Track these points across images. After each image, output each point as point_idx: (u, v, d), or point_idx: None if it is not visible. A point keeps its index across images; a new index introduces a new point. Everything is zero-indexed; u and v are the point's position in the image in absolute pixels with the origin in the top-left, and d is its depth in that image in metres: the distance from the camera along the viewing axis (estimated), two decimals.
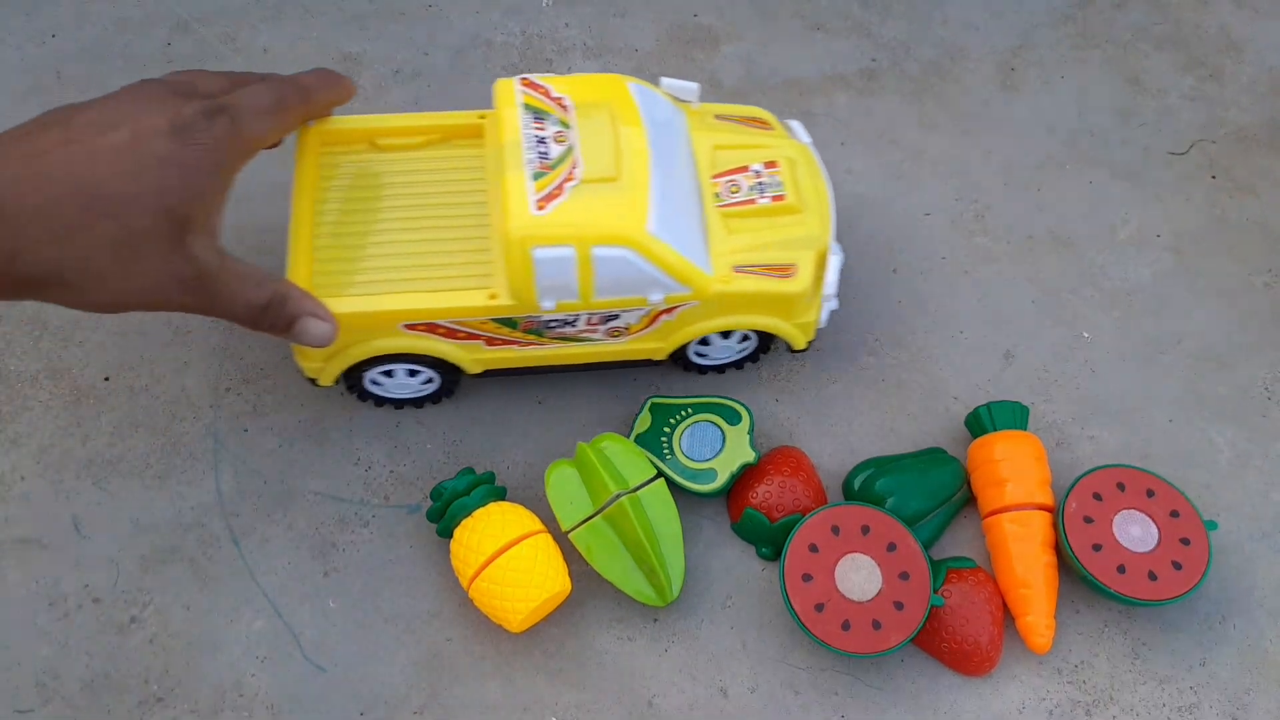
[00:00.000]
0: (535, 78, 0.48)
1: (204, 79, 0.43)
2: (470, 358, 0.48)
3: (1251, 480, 0.52)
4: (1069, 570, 0.48)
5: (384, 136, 0.50)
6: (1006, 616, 0.48)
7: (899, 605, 0.45)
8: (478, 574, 0.45)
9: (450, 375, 0.50)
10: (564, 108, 0.47)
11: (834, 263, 0.48)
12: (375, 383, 0.50)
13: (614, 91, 0.48)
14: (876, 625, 0.44)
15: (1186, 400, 0.54)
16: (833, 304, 0.49)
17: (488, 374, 0.50)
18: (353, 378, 0.49)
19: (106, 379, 0.53)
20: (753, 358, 0.52)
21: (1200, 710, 0.46)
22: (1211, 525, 0.47)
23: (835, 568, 0.46)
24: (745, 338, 0.51)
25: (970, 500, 0.51)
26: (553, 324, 0.47)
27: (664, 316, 0.47)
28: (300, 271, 0.46)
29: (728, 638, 0.47)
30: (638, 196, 0.45)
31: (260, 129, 0.42)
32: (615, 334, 0.48)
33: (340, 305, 0.45)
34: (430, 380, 0.50)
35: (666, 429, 0.50)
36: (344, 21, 0.65)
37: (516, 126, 0.46)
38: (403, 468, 0.51)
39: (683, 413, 0.50)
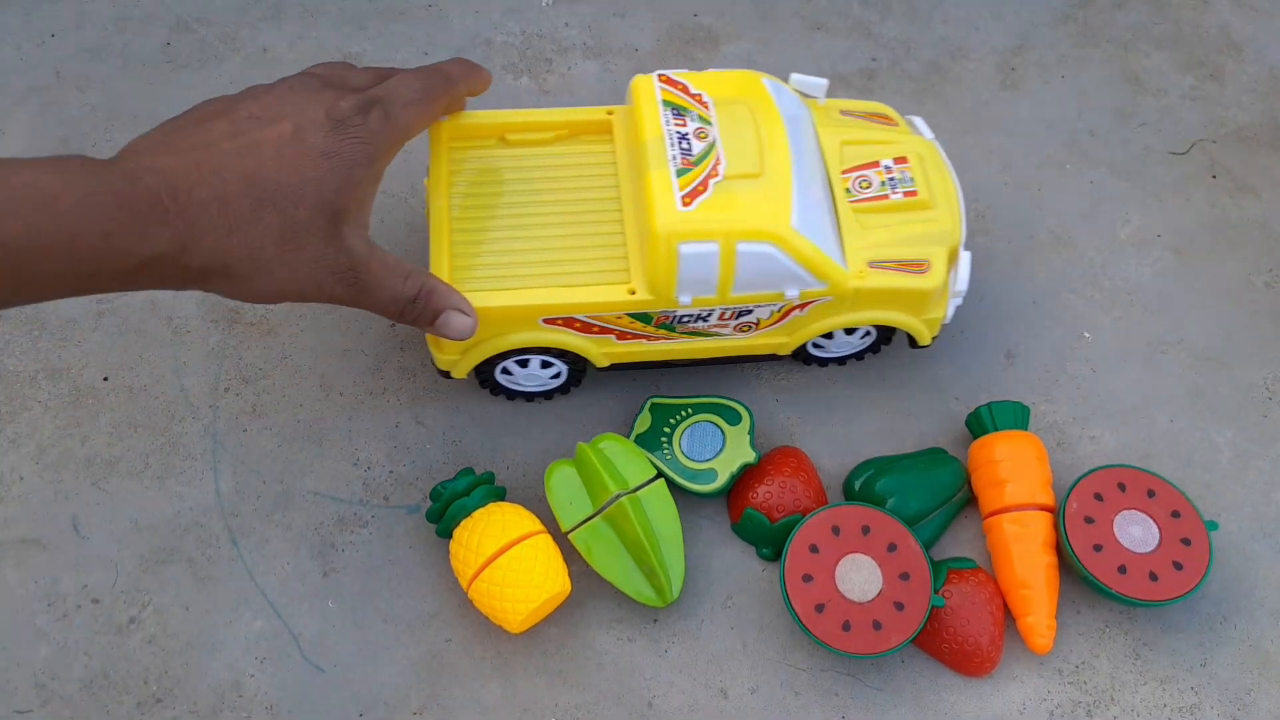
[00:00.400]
0: (673, 74, 0.49)
1: (352, 73, 0.44)
2: (600, 351, 0.48)
3: (1252, 480, 0.52)
4: (1070, 571, 0.48)
5: (513, 132, 0.50)
6: (1007, 617, 0.47)
7: (900, 606, 0.45)
8: (477, 574, 0.45)
9: (578, 368, 0.50)
10: (703, 104, 0.47)
11: (966, 259, 0.49)
12: (506, 372, 0.50)
13: (751, 87, 0.48)
14: (877, 626, 0.44)
15: (1187, 400, 0.54)
16: (958, 300, 0.50)
17: (614, 367, 0.50)
18: (484, 371, 0.49)
19: (106, 379, 0.53)
20: (872, 349, 0.53)
21: (1201, 710, 0.46)
22: (1212, 525, 0.47)
23: (836, 568, 0.46)
24: (866, 332, 0.51)
25: (971, 501, 0.51)
26: (685, 319, 0.47)
27: (795, 312, 0.48)
28: (441, 266, 0.46)
29: (728, 638, 0.47)
30: (781, 192, 0.45)
31: (410, 120, 0.43)
32: (744, 329, 0.49)
33: (484, 300, 0.45)
34: (559, 374, 0.50)
35: (666, 429, 0.50)
36: (344, 21, 0.65)
37: (658, 123, 0.46)
38: (402, 468, 0.51)
39: (683, 413, 0.50)
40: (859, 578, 0.45)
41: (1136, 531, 0.47)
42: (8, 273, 0.34)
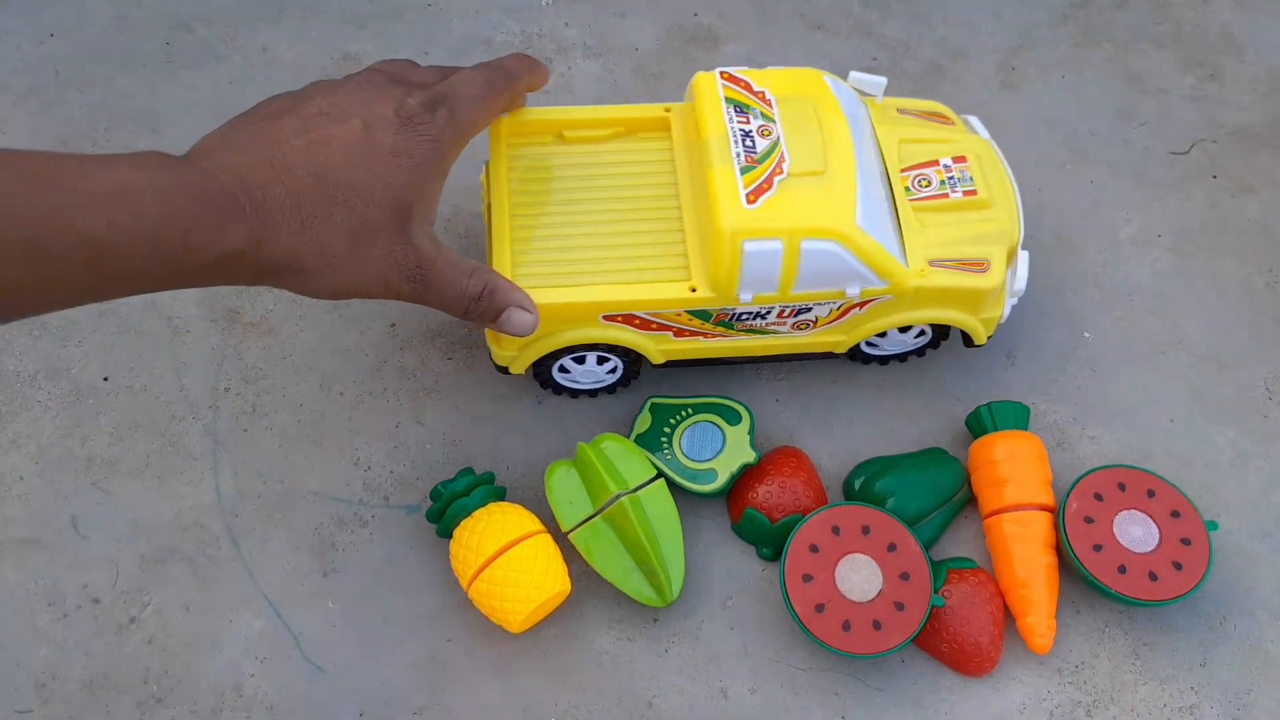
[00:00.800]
0: (734, 71, 0.49)
1: (416, 70, 0.44)
2: (657, 348, 0.49)
3: (1252, 480, 0.52)
4: (1070, 571, 0.48)
5: (571, 129, 0.50)
6: (1007, 617, 0.47)
7: (899, 606, 0.45)
8: (477, 574, 0.45)
9: (633, 364, 0.50)
10: (766, 101, 0.47)
11: (1024, 258, 0.49)
12: (563, 369, 0.50)
13: (813, 85, 0.49)
14: (877, 626, 0.44)
15: (1187, 400, 0.54)
16: (1014, 299, 0.50)
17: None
18: (541, 367, 0.49)
19: (106, 379, 0.53)
20: (921, 352, 0.53)
21: (1201, 711, 0.46)
22: (1212, 525, 0.47)
23: (836, 568, 0.46)
24: (921, 331, 0.51)
25: (971, 500, 0.51)
26: (744, 316, 0.47)
27: (854, 310, 0.48)
28: (503, 262, 0.46)
29: (728, 638, 0.47)
30: (845, 190, 0.45)
31: (475, 117, 0.43)
32: (801, 327, 0.49)
33: (545, 296, 0.45)
34: (615, 369, 0.51)
35: (666, 429, 0.50)
36: (344, 21, 0.65)
37: (721, 120, 0.46)
38: (403, 468, 0.51)
39: (683, 413, 0.50)
40: (859, 578, 0.45)
41: (1136, 531, 0.47)
42: (88, 268, 0.34)
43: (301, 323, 0.55)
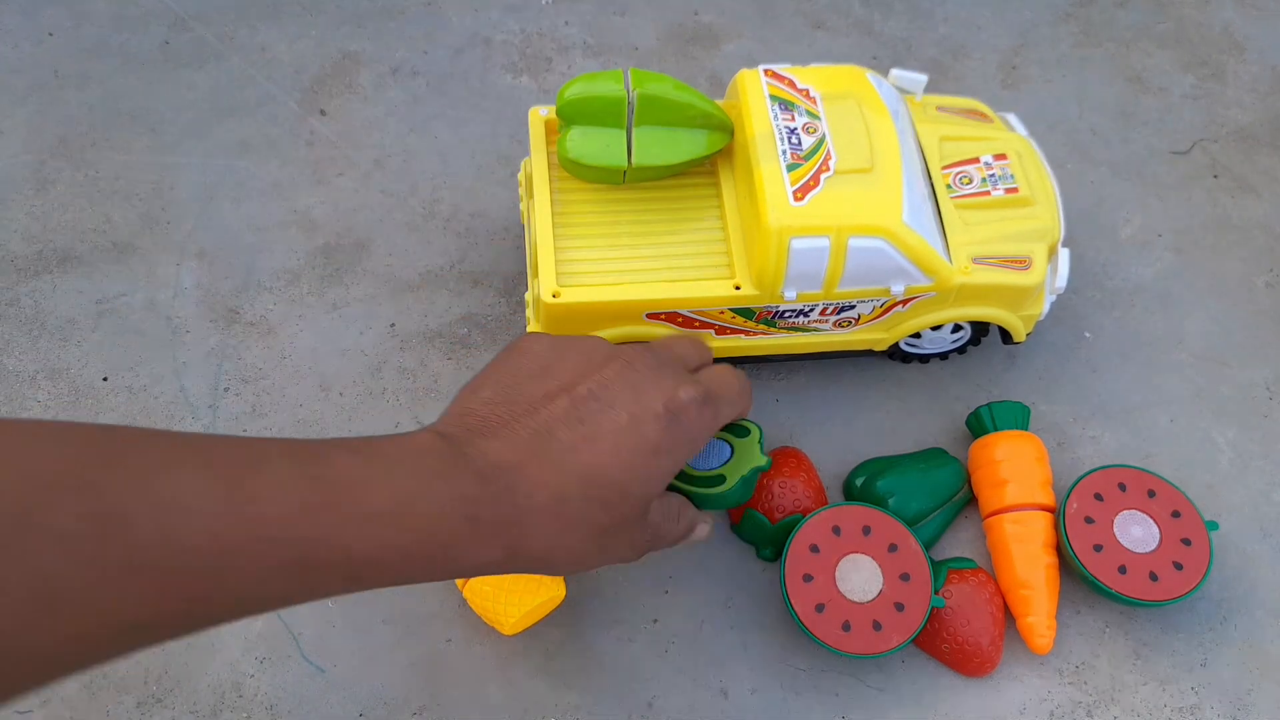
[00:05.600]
0: (778, 69, 0.49)
1: (679, 343, 0.43)
2: None
3: (1253, 480, 0.52)
4: (1070, 571, 0.48)
5: None
6: (1007, 617, 0.47)
7: (900, 606, 0.45)
8: None
9: None
10: (811, 99, 0.47)
11: (1065, 256, 0.49)
12: None
13: (856, 82, 0.49)
14: (877, 626, 0.44)
15: (1188, 400, 0.54)
16: (1053, 296, 0.50)
17: None
18: None
19: (106, 379, 0.53)
20: (963, 349, 0.53)
21: (1201, 711, 0.46)
22: (1213, 526, 0.47)
23: (836, 568, 0.46)
24: (958, 329, 0.51)
25: (971, 501, 0.51)
26: (787, 314, 0.47)
27: (897, 308, 0.48)
28: (548, 261, 0.46)
29: (728, 639, 0.47)
30: (892, 187, 0.45)
31: (728, 418, 0.42)
32: (844, 324, 0.49)
33: (591, 294, 0.45)
34: None
35: None
36: (343, 20, 0.65)
37: (767, 118, 0.46)
38: None
39: None
40: (859, 578, 0.45)
41: (1137, 531, 0.47)
42: (344, 582, 0.33)
43: (301, 323, 0.54)
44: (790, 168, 0.45)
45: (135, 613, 0.29)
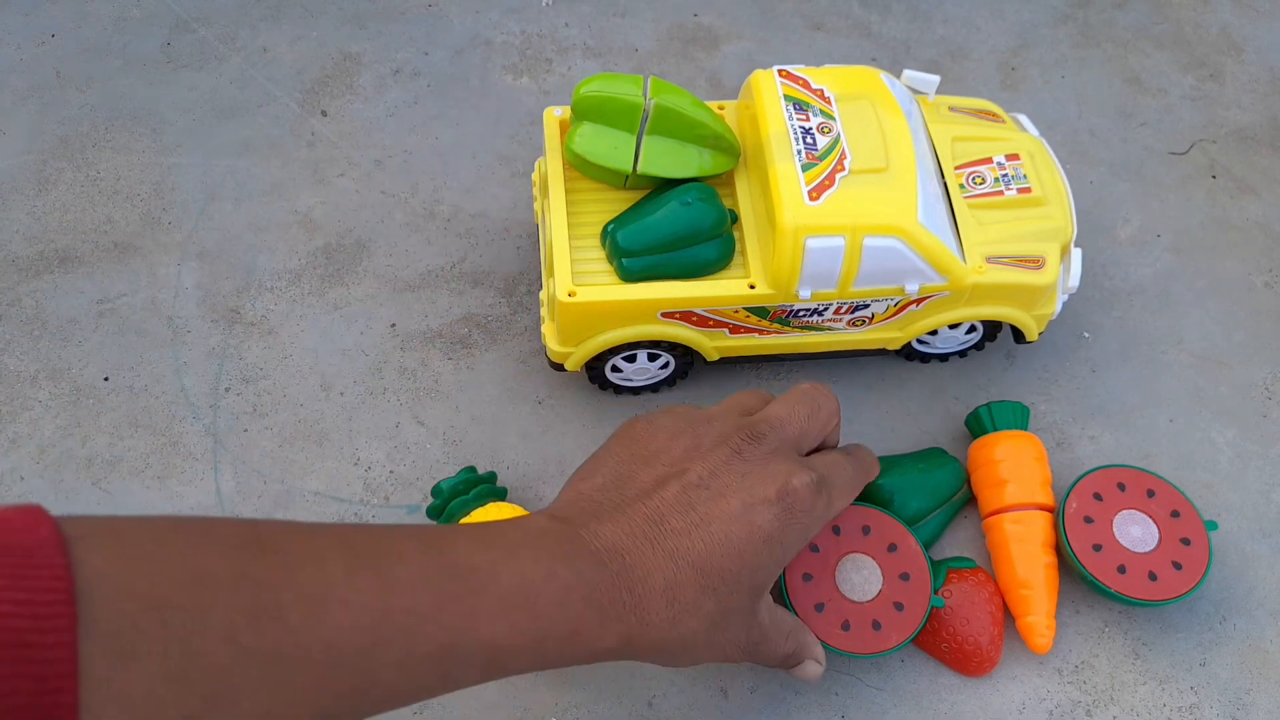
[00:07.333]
0: (792, 69, 0.49)
1: (792, 424, 0.41)
2: (712, 345, 0.49)
3: (1252, 480, 0.52)
4: (1069, 571, 0.48)
5: None
6: (1007, 617, 0.48)
7: (899, 606, 0.45)
8: None
9: (686, 360, 0.51)
10: (825, 99, 0.47)
11: (1078, 255, 0.49)
12: (615, 369, 0.50)
13: (870, 83, 0.49)
14: (876, 626, 0.44)
15: (1187, 400, 0.54)
16: (1065, 296, 0.50)
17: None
18: (595, 366, 0.50)
19: (106, 379, 0.53)
20: (977, 347, 0.53)
21: (1201, 710, 0.46)
22: (1212, 525, 0.47)
23: (835, 568, 0.46)
24: (971, 328, 0.51)
25: (970, 500, 0.51)
26: (801, 313, 0.48)
27: (911, 307, 0.48)
28: (564, 260, 0.46)
29: None
30: (907, 186, 0.45)
31: (841, 506, 0.42)
32: (857, 324, 0.49)
33: (606, 293, 0.45)
34: (667, 365, 0.51)
35: None
36: (344, 21, 0.65)
37: (782, 118, 0.47)
38: (403, 468, 0.51)
39: None
40: (859, 578, 0.45)
41: (1136, 531, 0.47)
42: (483, 671, 0.33)
43: (301, 323, 0.55)
44: (805, 167, 0.45)
45: (286, 711, 0.28)
